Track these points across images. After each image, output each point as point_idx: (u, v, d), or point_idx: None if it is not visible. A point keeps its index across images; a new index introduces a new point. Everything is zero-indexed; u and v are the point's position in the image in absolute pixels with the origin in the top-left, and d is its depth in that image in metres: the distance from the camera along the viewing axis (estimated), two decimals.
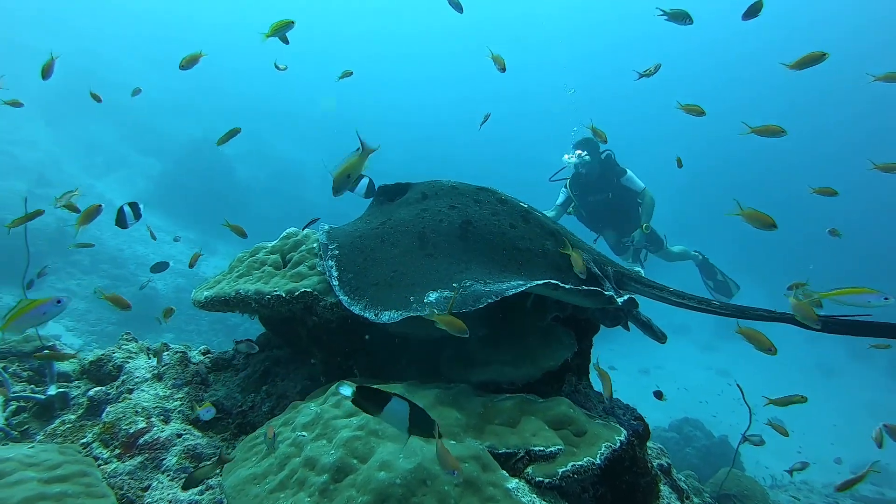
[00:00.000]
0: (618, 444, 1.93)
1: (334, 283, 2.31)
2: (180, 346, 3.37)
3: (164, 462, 2.19)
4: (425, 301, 2.10)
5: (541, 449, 1.82)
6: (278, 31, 4.07)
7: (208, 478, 2.06)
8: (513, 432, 1.91)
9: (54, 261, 14.66)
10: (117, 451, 2.24)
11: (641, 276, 2.66)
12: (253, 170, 28.92)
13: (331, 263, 2.40)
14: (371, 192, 3.14)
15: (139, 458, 2.21)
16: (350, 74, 5.97)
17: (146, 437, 2.27)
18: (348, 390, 1.62)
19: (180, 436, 2.29)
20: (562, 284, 2.10)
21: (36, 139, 22.52)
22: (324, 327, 2.46)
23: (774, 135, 4.13)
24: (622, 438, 1.97)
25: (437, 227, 2.49)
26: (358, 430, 1.78)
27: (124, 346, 2.98)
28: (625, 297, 2.27)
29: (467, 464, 1.68)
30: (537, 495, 1.69)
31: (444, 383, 2.20)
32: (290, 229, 2.80)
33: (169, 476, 2.15)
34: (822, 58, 3.85)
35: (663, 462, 3.26)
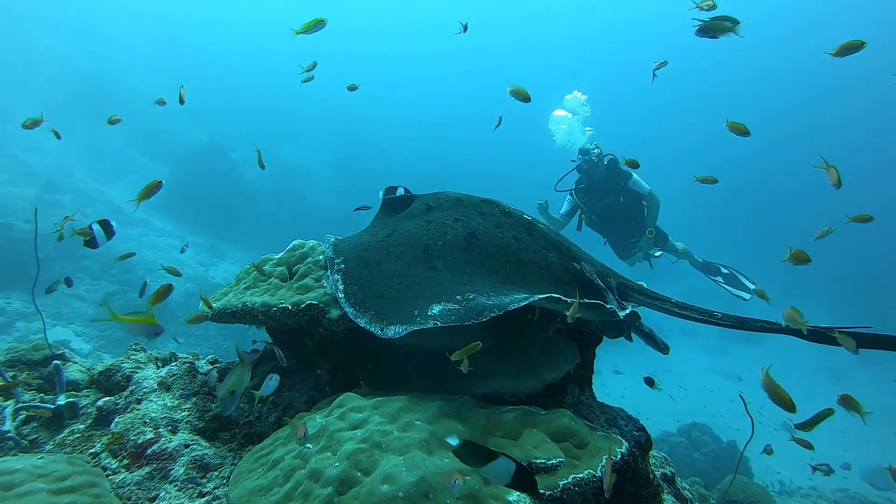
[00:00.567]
0: (619, 456, 1.95)
1: (340, 295, 2.34)
2: (188, 355, 3.41)
3: (172, 472, 2.22)
4: (429, 314, 2.13)
5: (542, 461, 1.84)
6: (310, 30, 4.06)
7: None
8: (515, 444, 1.93)
9: (63, 266, 14.79)
10: (126, 462, 2.28)
11: (644, 288, 2.67)
12: (260, 174, 29.06)
13: (337, 277, 2.43)
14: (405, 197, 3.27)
15: (147, 469, 2.24)
16: (355, 88, 6.00)
17: (154, 447, 2.30)
18: (454, 441, 1.68)
19: (188, 446, 2.32)
20: (564, 298, 2.12)
21: (45, 145, 22.73)
22: (330, 339, 2.49)
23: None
24: (623, 451, 1.99)
25: (441, 240, 2.52)
26: (362, 443, 1.81)
27: (133, 357, 3.02)
28: (627, 311, 2.29)
29: (469, 477, 1.71)
30: None
31: (448, 395, 2.23)
32: (297, 241, 2.84)
33: (176, 486, 2.18)
34: (861, 46, 3.82)
35: (667, 471, 3.27)
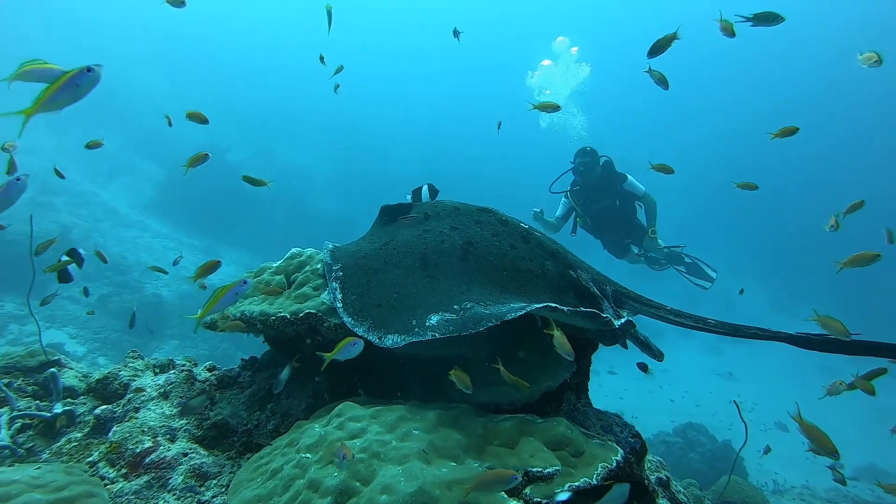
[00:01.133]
0: (614, 464, 1.97)
1: (338, 304, 2.35)
2: (186, 362, 3.41)
3: (171, 481, 2.23)
4: (427, 325, 2.15)
5: (539, 470, 1.86)
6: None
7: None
8: (512, 453, 1.95)
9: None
10: (124, 471, 2.29)
11: (640, 296, 2.70)
12: (257, 175, 28.97)
13: (335, 285, 2.44)
14: (434, 193, 3.31)
15: (145, 478, 2.25)
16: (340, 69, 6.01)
17: (152, 456, 2.31)
18: (565, 496, 1.76)
19: (186, 455, 2.33)
20: (560, 307, 2.14)
21: (39, 146, 22.64)
22: (328, 347, 2.50)
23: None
24: (619, 458, 2.01)
25: (438, 248, 2.53)
26: (361, 453, 1.82)
27: (130, 364, 3.02)
28: (622, 320, 2.31)
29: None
30: None
31: (446, 402, 2.24)
32: (295, 249, 2.85)
33: (175, 495, 2.19)
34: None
35: (662, 475, 3.29)
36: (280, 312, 2.40)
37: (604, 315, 2.22)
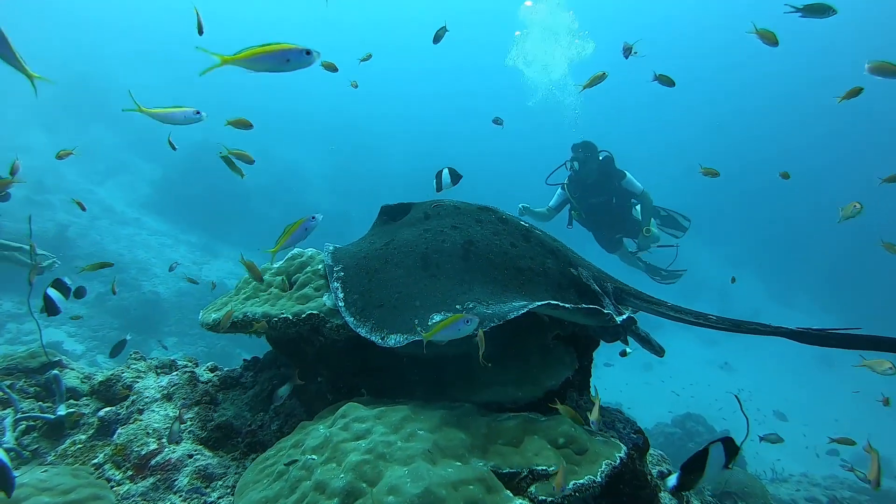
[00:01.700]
0: (618, 461, 1.99)
1: (340, 304, 2.36)
2: (188, 362, 3.42)
3: (176, 483, 2.25)
4: (429, 324, 2.16)
5: (543, 468, 1.88)
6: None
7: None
8: (516, 452, 1.97)
9: (57, 267, 14.69)
10: (130, 473, 2.30)
11: (640, 292, 2.71)
12: (254, 173, 28.87)
13: (336, 285, 2.45)
14: (457, 178, 3.29)
15: (151, 480, 2.26)
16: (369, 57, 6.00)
17: (158, 458, 2.32)
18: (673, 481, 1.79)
19: (191, 456, 2.34)
20: (562, 304, 2.15)
21: (33, 145, 22.52)
22: (331, 347, 2.51)
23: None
24: (622, 455, 2.02)
25: (439, 248, 2.54)
26: (366, 454, 1.83)
27: (133, 366, 3.03)
28: (623, 316, 2.33)
29: (473, 486, 1.74)
30: None
31: (450, 402, 2.26)
32: (295, 250, 2.85)
33: (181, 497, 2.21)
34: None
35: (663, 469, 3.32)
36: (283, 314, 2.40)
37: (605, 312, 2.23)
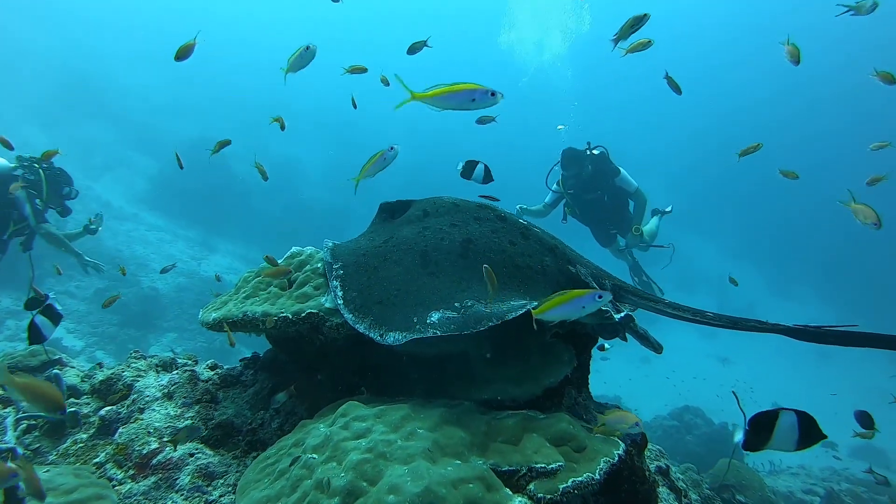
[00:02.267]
0: (616, 458, 2.00)
1: (339, 301, 2.37)
2: (188, 360, 3.43)
3: (178, 482, 2.26)
4: (428, 322, 2.17)
5: (542, 466, 1.89)
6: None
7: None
8: (515, 450, 1.98)
9: (52, 263, 14.65)
10: (131, 472, 2.31)
11: (638, 290, 2.72)
12: (251, 168, 28.79)
13: (335, 283, 2.46)
14: (489, 178, 3.31)
15: (153, 478, 2.27)
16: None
17: (159, 457, 2.34)
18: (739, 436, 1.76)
19: (192, 455, 2.35)
20: None
21: (30, 141, 22.45)
22: (330, 345, 2.52)
23: None
24: (620, 452, 2.04)
25: (438, 246, 2.55)
26: (367, 453, 1.85)
27: (133, 365, 3.04)
28: (622, 314, 2.34)
29: (472, 485, 1.75)
30: None
31: (449, 400, 2.27)
32: (295, 248, 2.85)
33: (183, 495, 2.22)
34: None
35: (661, 464, 3.34)
36: (282, 313, 2.41)
37: (604, 310, 2.25)
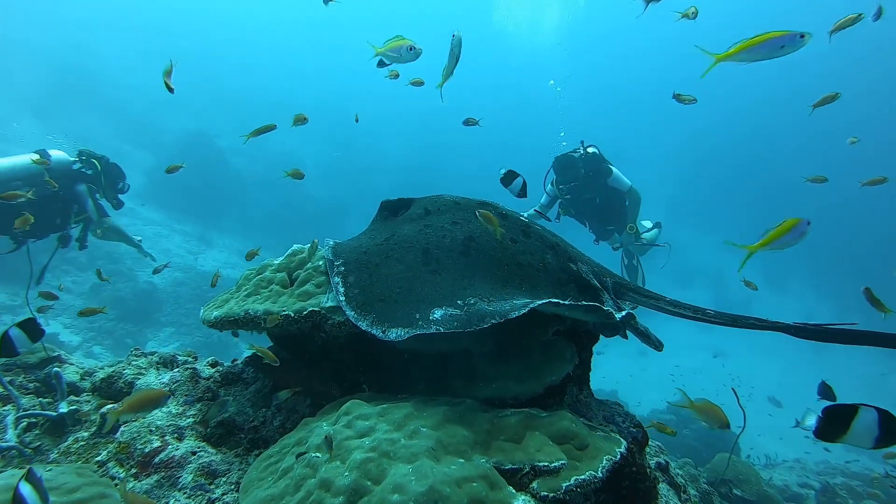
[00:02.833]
0: (618, 456, 2.01)
1: (341, 298, 2.36)
2: (188, 357, 3.43)
3: (181, 480, 2.26)
4: (431, 319, 2.17)
5: (545, 464, 1.90)
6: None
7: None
8: (518, 448, 1.99)
9: (48, 257, 14.60)
10: (134, 471, 2.31)
11: (639, 287, 2.73)
12: (248, 162, 28.83)
13: (337, 280, 2.46)
14: (524, 193, 3.27)
15: (156, 477, 2.27)
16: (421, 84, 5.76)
17: (162, 455, 2.34)
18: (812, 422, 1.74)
19: (195, 453, 2.36)
20: (562, 301, 2.17)
21: (25, 135, 22.33)
22: (332, 343, 2.52)
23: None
24: (622, 450, 2.05)
25: (440, 244, 2.55)
26: (370, 452, 1.85)
27: (134, 363, 3.03)
28: (623, 313, 2.34)
29: (476, 483, 1.76)
30: None
31: (451, 397, 2.28)
32: (296, 246, 2.85)
33: (186, 493, 2.22)
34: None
35: (661, 460, 3.36)
36: (284, 311, 2.41)
37: (605, 308, 2.25)
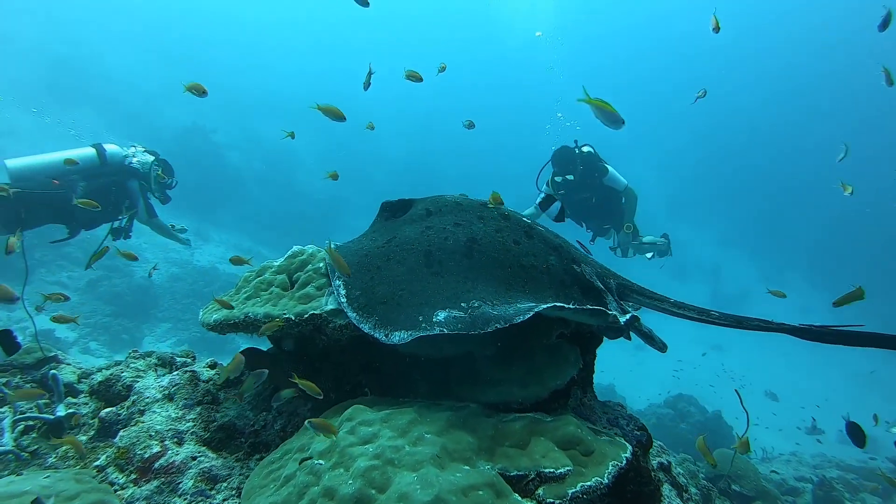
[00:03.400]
0: (624, 461, 1.99)
1: (343, 300, 2.33)
2: (186, 358, 3.40)
3: (181, 486, 2.23)
4: (434, 321, 2.14)
5: (551, 471, 1.88)
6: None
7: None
8: (523, 454, 1.96)
9: (44, 253, 14.51)
10: (133, 476, 2.28)
11: (643, 288, 2.71)
12: (244, 157, 28.74)
13: (338, 283, 2.43)
14: (561, 217, 3.20)
15: (156, 483, 2.25)
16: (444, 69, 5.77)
17: (161, 460, 2.31)
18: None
19: (195, 458, 2.33)
20: (567, 305, 2.14)
21: (17, 129, 22.16)
22: (333, 346, 2.50)
23: None
24: (627, 455, 2.03)
25: (442, 245, 2.51)
26: (374, 459, 1.83)
27: (132, 365, 3.00)
28: (627, 316, 2.32)
29: (482, 491, 1.74)
30: None
31: (454, 401, 2.25)
32: (296, 248, 2.81)
33: (186, 500, 2.19)
34: None
35: (663, 460, 3.35)
36: (285, 314, 2.38)
37: (610, 312, 2.23)
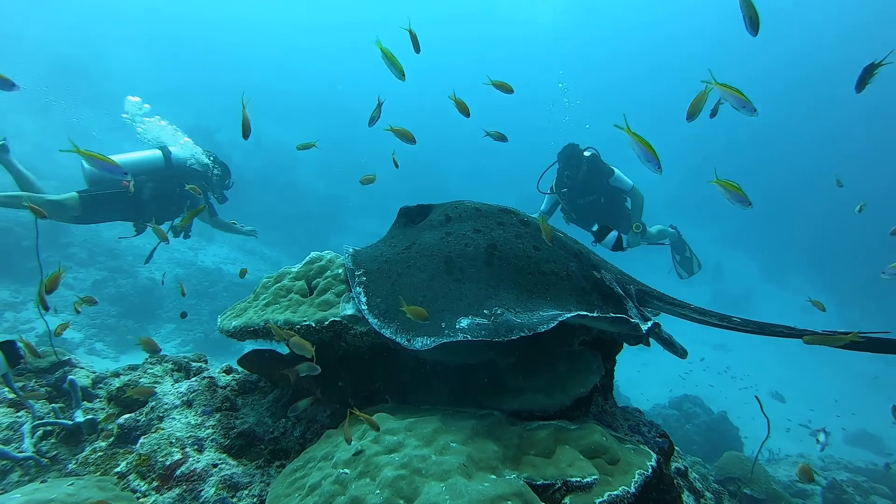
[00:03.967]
0: (650, 470, 1.98)
1: (363, 307, 2.32)
2: (199, 361, 3.39)
3: (203, 493, 2.23)
4: (457, 327, 2.13)
5: (577, 480, 1.87)
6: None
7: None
8: (549, 463, 1.95)
9: (49, 254, 14.54)
10: (155, 484, 2.28)
11: (663, 294, 2.69)
12: (247, 157, 28.73)
13: (359, 290, 2.42)
14: (619, 246, 3.17)
15: (178, 490, 2.24)
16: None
17: (183, 468, 2.30)
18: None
19: (216, 465, 2.32)
20: (590, 314, 2.13)
21: (22, 130, 22.21)
22: (353, 353, 2.49)
23: None
24: (653, 463, 2.02)
25: (462, 252, 2.51)
26: (401, 469, 1.82)
27: (150, 371, 3.00)
28: (649, 324, 2.31)
29: (510, 501, 1.73)
30: None
31: (476, 408, 2.24)
32: (314, 254, 2.81)
33: None
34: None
35: (680, 465, 3.33)
36: (305, 321, 2.37)
37: (633, 321, 2.22)
